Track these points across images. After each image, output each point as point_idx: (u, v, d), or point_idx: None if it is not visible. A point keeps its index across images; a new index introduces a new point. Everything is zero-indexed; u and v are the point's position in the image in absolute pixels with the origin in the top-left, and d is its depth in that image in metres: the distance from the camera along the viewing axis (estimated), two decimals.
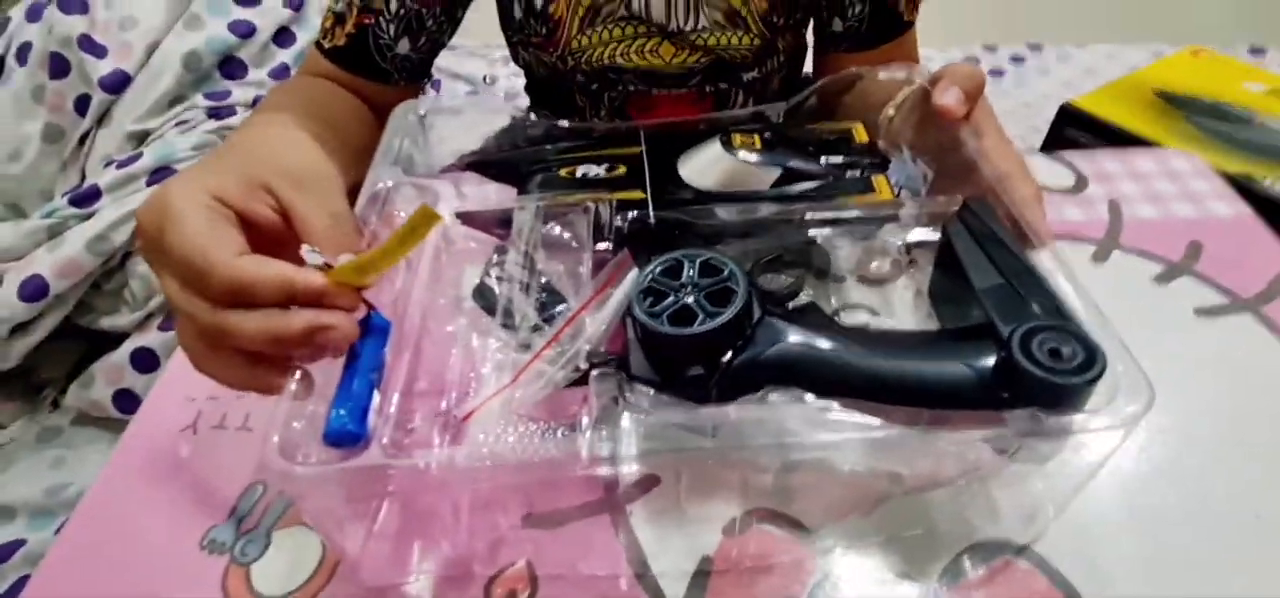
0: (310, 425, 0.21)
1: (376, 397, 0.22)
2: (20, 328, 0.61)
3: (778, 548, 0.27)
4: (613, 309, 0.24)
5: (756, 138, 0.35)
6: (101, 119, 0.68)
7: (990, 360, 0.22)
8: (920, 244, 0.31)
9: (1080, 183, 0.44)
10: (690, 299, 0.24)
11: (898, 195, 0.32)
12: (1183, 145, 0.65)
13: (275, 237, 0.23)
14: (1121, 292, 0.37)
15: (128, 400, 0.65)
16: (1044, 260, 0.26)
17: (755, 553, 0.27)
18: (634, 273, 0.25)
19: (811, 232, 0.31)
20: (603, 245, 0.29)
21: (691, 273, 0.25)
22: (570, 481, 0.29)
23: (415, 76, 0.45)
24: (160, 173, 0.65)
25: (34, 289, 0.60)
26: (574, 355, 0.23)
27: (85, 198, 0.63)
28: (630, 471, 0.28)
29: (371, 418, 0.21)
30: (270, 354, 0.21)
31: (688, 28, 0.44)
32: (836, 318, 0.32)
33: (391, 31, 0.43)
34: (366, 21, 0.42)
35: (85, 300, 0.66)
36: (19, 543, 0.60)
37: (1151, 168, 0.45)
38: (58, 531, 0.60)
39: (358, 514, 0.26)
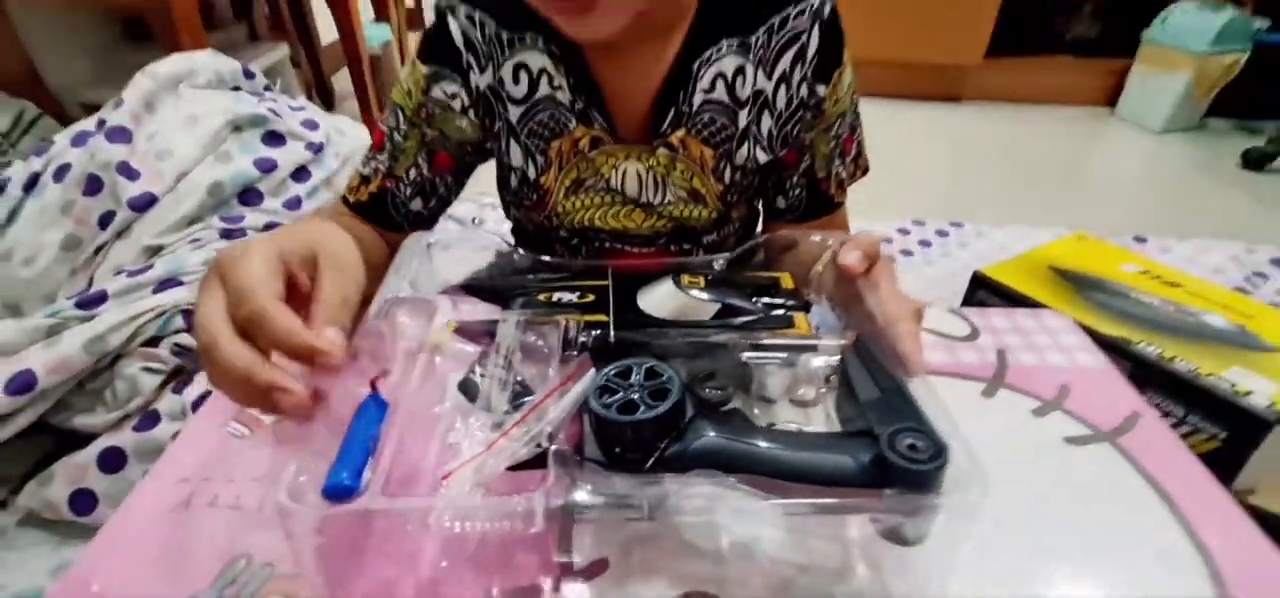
0: (312, 480, 0.26)
1: (370, 461, 0.27)
2: None
3: None
4: (572, 400, 0.30)
5: (702, 278, 0.43)
6: (121, 233, 0.74)
7: (869, 455, 0.28)
8: (834, 371, 0.38)
9: (974, 333, 0.53)
10: (635, 395, 0.30)
11: (815, 332, 0.40)
12: (1072, 311, 0.75)
13: (307, 302, 0.29)
14: (1005, 423, 0.44)
15: (85, 501, 0.66)
16: (916, 385, 0.33)
17: None
18: (592, 373, 0.31)
19: (742, 356, 0.38)
20: (570, 355, 0.35)
21: (638, 376, 0.31)
22: (525, 566, 0.33)
23: (424, 228, 0.53)
24: (168, 283, 0.70)
25: (22, 384, 0.62)
26: (538, 434, 0.28)
27: (91, 301, 0.68)
28: (580, 556, 0.32)
29: (365, 476, 0.26)
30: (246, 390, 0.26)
31: (656, 201, 0.53)
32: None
33: (407, 194, 0.52)
34: (388, 185, 0.51)
35: (63, 398, 0.68)
36: None
37: (1032, 325, 0.54)
38: None
39: (339, 577, 0.29)
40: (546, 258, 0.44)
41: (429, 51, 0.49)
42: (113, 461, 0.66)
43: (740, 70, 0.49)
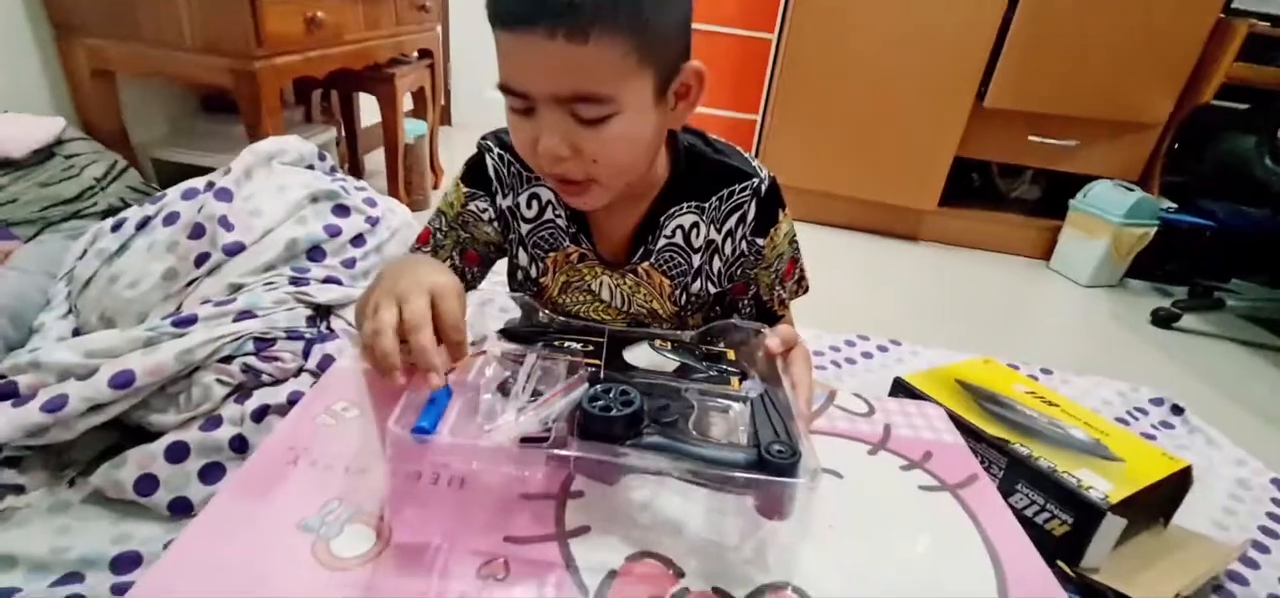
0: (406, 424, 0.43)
1: (441, 421, 0.44)
2: (95, 408, 0.77)
3: (654, 569, 0.46)
4: (570, 401, 0.47)
5: (670, 344, 0.62)
6: (212, 271, 0.92)
7: (754, 455, 0.45)
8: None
9: (871, 411, 0.71)
10: (611, 403, 0.47)
11: (742, 389, 0.57)
12: (969, 416, 0.94)
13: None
14: (882, 472, 0.61)
15: (149, 484, 0.79)
16: (799, 424, 0.50)
17: (639, 572, 0.46)
18: (585, 386, 0.48)
19: (689, 398, 0.55)
20: (572, 379, 0.52)
21: (614, 393, 0.48)
22: (530, 524, 0.48)
23: None
24: (245, 315, 0.87)
25: (123, 380, 0.77)
26: (546, 417, 0.45)
27: (184, 322, 0.84)
28: (575, 519, 0.48)
29: (439, 426, 0.43)
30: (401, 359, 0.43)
31: (625, 309, 0.70)
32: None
33: None
34: None
35: (145, 398, 0.82)
36: (14, 591, 0.69)
37: (914, 410, 0.72)
38: (53, 585, 0.70)
39: (411, 496, 0.45)
40: (562, 317, 0.62)
41: (469, 177, 0.68)
42: (177, 453, 0.80)
43: (696, 225, 0.67)
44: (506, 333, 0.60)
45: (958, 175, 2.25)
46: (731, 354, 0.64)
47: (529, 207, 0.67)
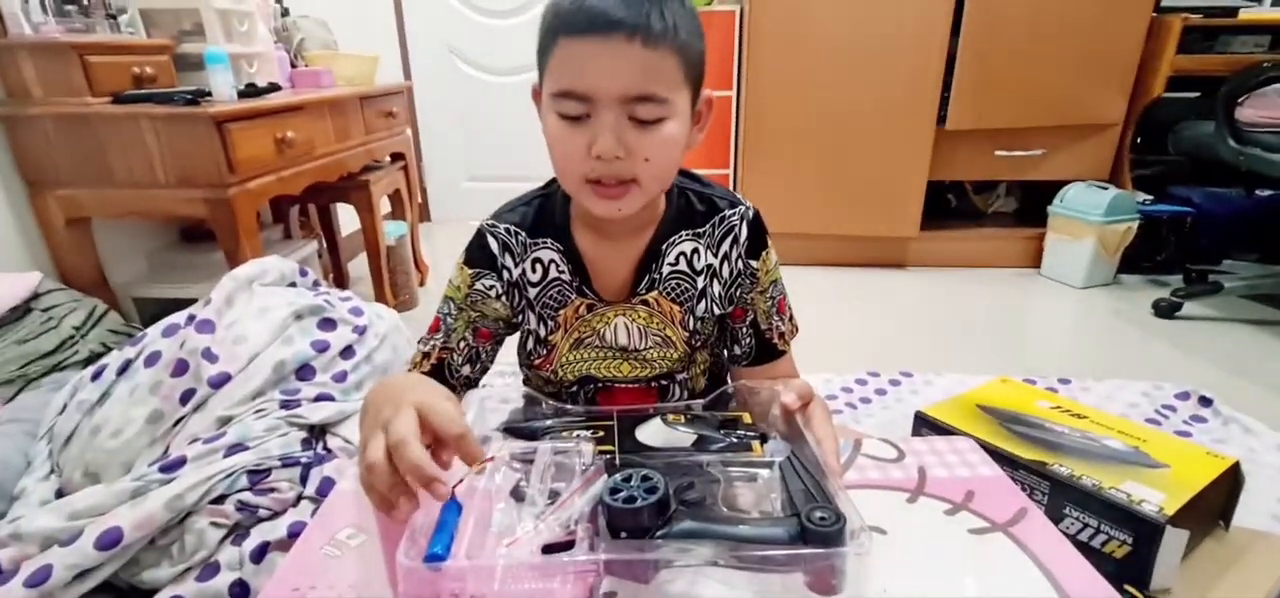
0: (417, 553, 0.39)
1: (454, 542, 0.40)
2: (82, 574, 0.72)
3: None
4: (590, 496, 0.43)
5: (682, 416, 0.59)
6: (198, 407, 0.88)
7: (795, 527, 0.42)
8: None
9: (901, 455, 0.67)
10: (635, 492, 0.43)
11: (765, 453, 0.54)
12: (998, 442, 0.90)
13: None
14: (927, 522, 0.57)
15: None
16: (833, 483, 0.47)
17: None
18: (604, 478, 0.45)
19: (714, 471, 0.51)
20: (588, 470, 0.49)
21: (636, 481, 0.45)
22: None
23: (471, 387, 0.71)
24: (237, 448, 0.83)
25: (110, 539, 0.72)
26: (567, 519, 0.42)
27: (172, 466, 0.80)
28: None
29: (452, 548, 0.39)
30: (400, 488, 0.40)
31: (641, 346, 0.71)
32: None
33: (458, 362, 0.69)
34: (444, 356, 0.68)
35: (135, 555, 0.77)
36: None
37: (945, 447, 0.69)
38: None
39: None
40: (565, 406, 0.59)
41: (473, 257, 0.69)
42: None
43: (696, 251, 0.69)
44: (511, 430, 0.57)
45: (934, 198, 2.29)
46: (747, 416, 0.61)
47: (534, 271, 0.69)
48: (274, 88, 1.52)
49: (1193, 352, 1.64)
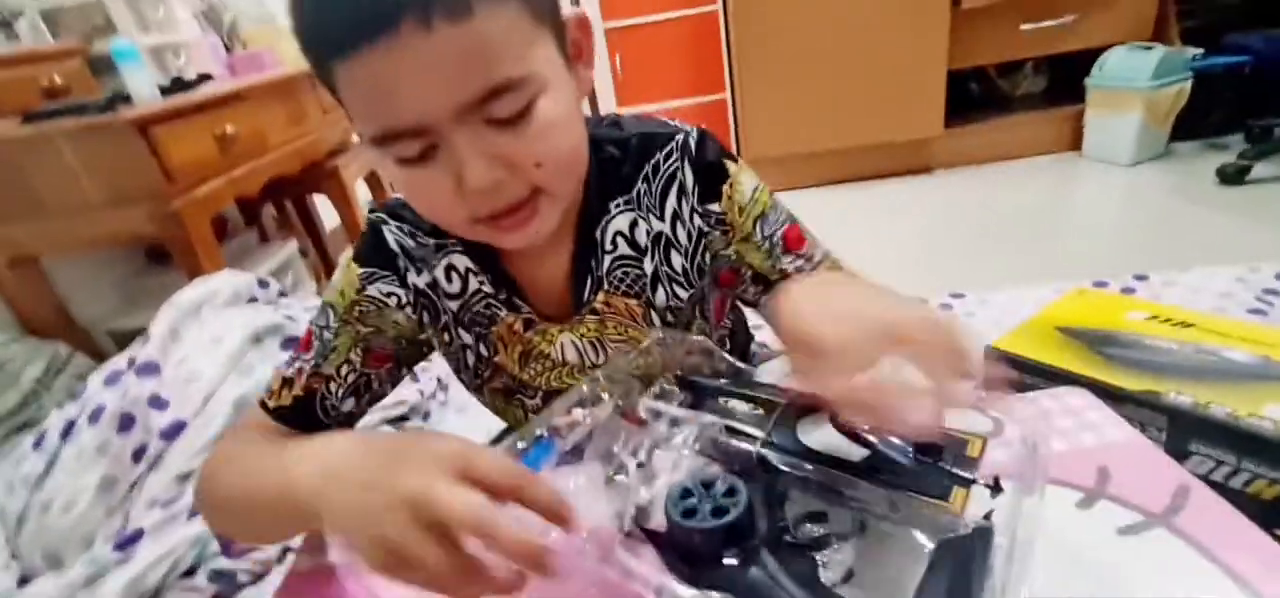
0: None
1: None
2: None
3: None
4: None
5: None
6: (153, 465, 0.76)
7: None
8: None
9: (998, 426, 0.53)
10: (705, 503, 0.31)
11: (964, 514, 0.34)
12: (1091, 372, 0.75)
13: None
14: (1051, 521, 0.43)
15: None
16: None
17: None
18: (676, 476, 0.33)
19: (867, 506, 0.35)
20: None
21: (719, 487, 0.32)
22: None
23: (349, 425, 0.52)
24: None
25: None
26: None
27: (128, 542, 0.68)
28: None
29: None
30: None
31: (599, 361, 0.54)
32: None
33: (339, 393, 0.50)
34: (315, 386, 0.49)
35: None
36: None
37: (1054, 407, 0.54)
38: None
39: None
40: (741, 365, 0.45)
41: (365, 256, 0.51)
42: None
43: (634, 223, 0.52)
44: (684, 382, 0.43)
45: (955, 90, 2.07)
46: (976, 446, 0.40)
47: (448, 280, 0.52)
48: (206, 79, 1.35)
49: (1271, 220, 1.46)
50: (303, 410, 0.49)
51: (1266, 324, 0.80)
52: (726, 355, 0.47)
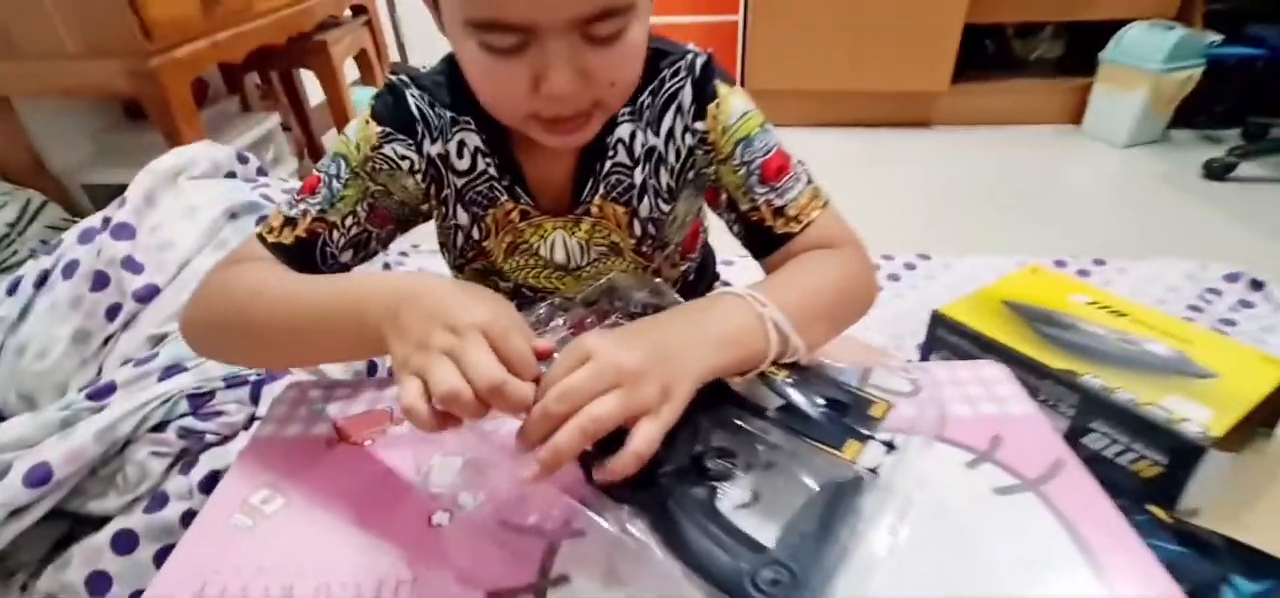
0: None
1: None
2: (16, 512, 0.67)
3: None
4: None
5: (788, 370, 0.44)
6: (127, 324, 0.79)
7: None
8: None
9: (915, 388, 0.57)
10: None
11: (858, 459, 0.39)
12: (1023, 346, 0.80)
13: None
14: (944, 477, 0.48)
15: (101, 582, 0.69)
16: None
17: None
18: None
19: (759, 447, 0.41)
20: None
21: None
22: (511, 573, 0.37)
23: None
24: (172, 369, 0.75)
25: (39, 476, 0.67)
26: None
27: (101, 392, 0.72)
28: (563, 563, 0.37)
29: None
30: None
31: (583, 263, 0.57)
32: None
33: (340, 243, 0.51)
34: (319, 230, 0.50)
35: (78, 485, 0.72)
36: None
37: (968, 375, 0.58)
38: None
39: None
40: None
41: (384, 115, 0.52)
42: (125, 543, 0.70)
43: (634, 133, 0.54)
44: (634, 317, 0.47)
45: (968, 45, 2.02)
46: (880, 407, 0.45)
47: (459, 156, 0.54)
48: None
49: (1245, 220, 1.48)
50: (303, 252, 0.50)
51: (1195, 323, 0.84)
52: (677, 296, 0.50)
